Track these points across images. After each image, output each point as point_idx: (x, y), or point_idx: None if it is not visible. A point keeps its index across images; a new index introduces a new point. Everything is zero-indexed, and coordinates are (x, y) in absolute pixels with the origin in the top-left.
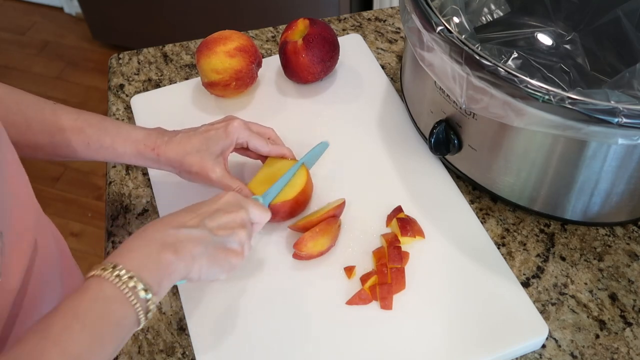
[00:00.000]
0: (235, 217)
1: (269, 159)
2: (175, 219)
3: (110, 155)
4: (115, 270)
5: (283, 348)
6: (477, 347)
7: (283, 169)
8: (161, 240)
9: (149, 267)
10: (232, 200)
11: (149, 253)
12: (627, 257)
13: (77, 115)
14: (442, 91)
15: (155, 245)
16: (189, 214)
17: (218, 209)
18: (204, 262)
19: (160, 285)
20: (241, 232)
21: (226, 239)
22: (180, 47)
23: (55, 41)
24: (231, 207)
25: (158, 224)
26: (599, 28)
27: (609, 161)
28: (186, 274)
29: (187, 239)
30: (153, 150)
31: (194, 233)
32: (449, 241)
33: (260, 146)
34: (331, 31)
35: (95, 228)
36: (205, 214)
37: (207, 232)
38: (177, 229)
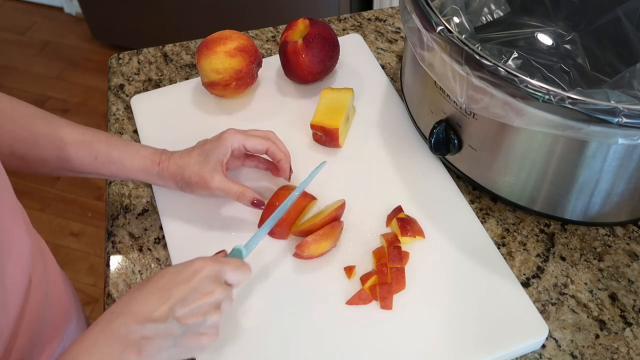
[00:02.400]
0: (210, 299)
1: (322, 91)
2: (143, 308)
3: (118, 170)
4: None
5: (283, 348)
6: (477, 347)
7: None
8: (125, 339)
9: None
10: (210, 274)
11: (109, 353)
12: (627, 257)
13: (85, 130)
14: (442, 91)
15: (117, 345)
16: (160, 298)
17: (192, 288)
18: (172, 353)
19: None
20: (213, 316)
21: (198, 325)
22: (180, 47)
23: (55, 41)
24: (207, 285)
25: (124, 316)
26: (599, 28)
27: (609, 161)
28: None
29: (153, 336)
30: (158, 165)
31: (161, 329)
32: (449, 241)
33: (257, 144)
34: (331, 31)
35: (95, 228)
36: (176, 297)
37: (175, 324)
38: (143, 325)
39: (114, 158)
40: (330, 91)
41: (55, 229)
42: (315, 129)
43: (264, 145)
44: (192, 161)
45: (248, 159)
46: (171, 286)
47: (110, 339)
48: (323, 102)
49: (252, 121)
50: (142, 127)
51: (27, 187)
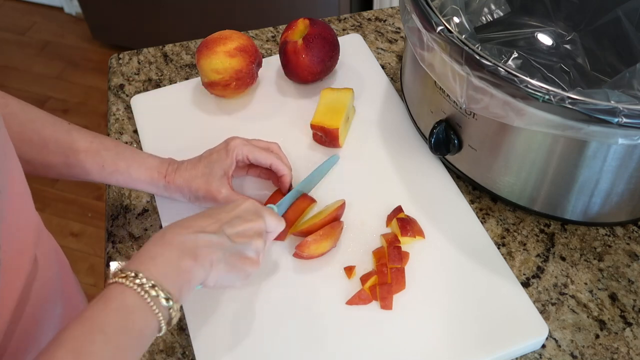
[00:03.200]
0: (253, 225)
1: (322, 91)
2: (195, 223)
3: (124, 180)
4: (137, 279)
5: (283, 348)
6: (477, 347)
7: (341, 98)
8: (181, 246)
9: (169, 274)
10: (250, 208)
11: (169, 260)
12: (627, 257)
13: (93, 137)
14: (442, 91)
15: (175, 251)
16: (209, 218)
17: (237, 215)
18: (221, 269)
19: (181, 292)
20: (258, 241)
21: (244, 247)
22: (180, 47)
23: (55, 41)
24: (249, 215)
25: (178, 227)
26: (599, 28)
27: (609, 161)
28: (204, 279)
29: (206, 245)
30: (165, 178)
31: (213, 239)
32: (449, 241)
33: (261, 158)
34: (331, 31)
35: (95, 228)
36: (224, 220)
37: (225, 238)
38: (196, 234)
39: (121, 168)
40: (330, 91)
41: (55, 229)
42: (315, 129)
43: (268, 160)
44: (198, 173)
45: (252, 168)
46: (218, 212)
47: (168, 248)
48: (323, 102)
49: (252, 121)
50: (142, 127)
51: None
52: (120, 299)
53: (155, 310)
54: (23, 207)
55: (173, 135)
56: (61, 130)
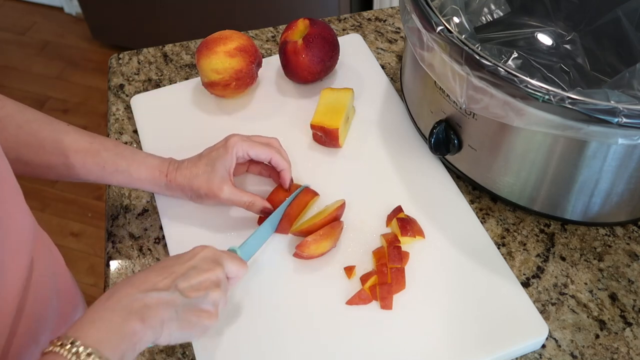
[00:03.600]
0: (210, 275)
1: (322, 91)
2: (146, 280)
3: (125, 180)
4: (74, 347)
5: (283, 348)
6: (477, 347)
7: (341, 98)
8: (128, 308)
9: (111, 340)
10: (208, 255)
11: (113, 324)
12: (627, 257)
13: (92, 138)
14: (442, 91)
15: (120, 314)
16: (161, 273)
17: (192, 266)
18: (173, 327)
19: (124, 357)
20: (215, 292)
21: (198, 301)
22: (180, 47)
23: (55, 41)
24: (206, 264)
25: (127, 286)
26: (599, 28)
27: (609, 161)
28: (154, 340)
29: (155, 304)
30: (166, 177)
31: (163, 297)
32: (449, 241)
33: (261, 153)
34: (331, 31)
35: (95, 228)
36: (178, 273)
37: (177, 294)
38: (145, 293)
39: (121, 168)
40: (330, 91)
41: (55, 229)
42: (315, 129)
43: (267, 154)
44: (199, 172)
45: (252, 165)
46: (172, 264)
47: (112, 311)
48: (323, 102)
49: (252, 121)
50: (142, 127)
51: (27, 187)
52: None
53: None
54: (16, 208)
55: (173, 135)
56: (59, 131)
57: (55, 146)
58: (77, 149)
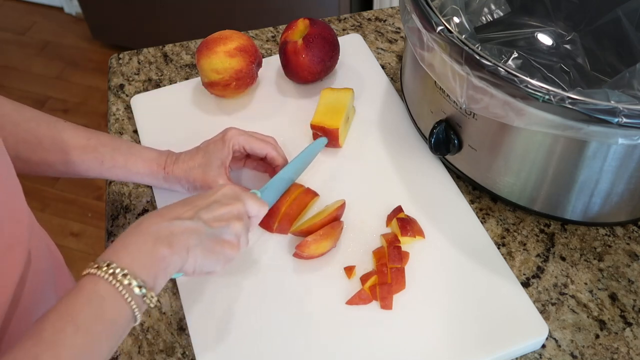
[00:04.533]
0: (232, 209)
1: (322, 91)
2: (171, 211)
3: (124, 174)
4: (110, 269)
5: (283, 348)
6: (477, 347)
7: (341, 98)
8: (155, 234)
9: (143, 262)
10: (229, 192)
11: (143, 248)
12: (627, 257)
13: (90, 134)
14: (442, 91)
15: (149, 240)
16: (185, 206)
17: (214, 200)
18: (198, 254)
19: (156, 279)
20: (237, 224)
21: (221, 231)
22: (180, 47)
23: (55, 41)
24: (228, 199)
25: (153, 217)
26: (599, 28)
27: (609, 161)
28: (181, 266)
29: (181, 232)
30: (164, 169)
31: (188, 225)
32: (449, 241)
33: (258, 148)
34: (331, 31)
35: (95, 228)
36: (200, 206)
37: (201, 223)
38: (171, 222)
39: (119, 163)
40: (330, 91)
41: (55, 229)
42: (315, 129)
43: (263, 149)
44: (195, 164)
45: (249, 160)
46: (195, 199)
47: (142, 237)
48: (323, 102)
49: (252, 121)
50: (142, 127)
51: (27, 187)
52: (93, 289)
53: (127, 298)
54: (14, 202)
55: (173, 135)
56: (57, 128)
57: (53, 143)
58: (75, 146)
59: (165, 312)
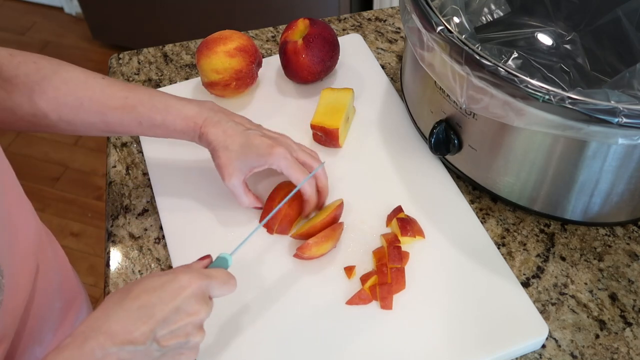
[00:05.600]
0: (194, 319)
1: (322, 91)
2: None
3: (162, 132)
4: None
5: (283, 348)
6: (477, 347)
7: (341, 98)
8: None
9: None
10: (195, 292)
11: None
12: (627, 257)
13: (127, 92)
14: (442, 91)
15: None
16: (141, 317)
17: (176, 308)
18: None
19: None
20: (197, 337)
21: (177, 345)
22: (180, 47)
23: (55, 41)
24: (191, 306)
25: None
26: (599, 28)
27: (609, 161)
28: None
29: (130, 359)
30: (200, 129)
31: (139, 350)
32: (449, 241)
33: (292, 178)
34: (331, 31)
35: (95, 228)
36: (158, 317)
37: (155, 346)
38: (121, 347)
39: (157, 122)
40: (330, 91)
41: (55, 229)
42: (315, 129)
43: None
44: (229, 145)
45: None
46: (153, 304)
47: None
48: (323, 102)
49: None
50: None
51: (27, 187)
52: None
53: None
54: (23, 214)
55: None
56: (96, 87)
57: (92, 105)
58: (114, 106)
59: None
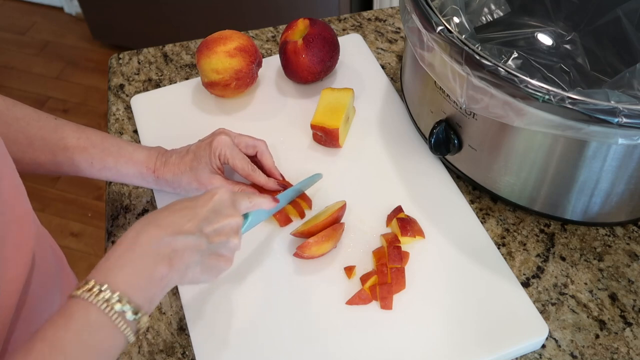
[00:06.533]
0: (231, 221)
1: (322, 91)
2: (172, 222)
3: (113, 176)
4: (102, 293)
5: (283, 348)
6: (477, 347)
7: (341, 98)
8: (155, 252)
9: (140, 285)
10: (225, 198)
11: (142, 268)
12: (627, 257)
13: (80, 133)
14: (442, 91)
15: (149, 259)
16: (185, 215)
17: (214, 209)
18: (197, 271)
19: (152, 301)
20: (234, 240)
21: (220, 246)
22: (180, 47)
23: (55, 41)
24: (226, 208)
25: (152, 228)
26: (599, 28)
27: (609, 161)
28: (178, 282)
29: (183, 248)
30: (153, 173)
31: (191, 241)
32: (449, 241)
33: (240, 169)
34: (331, 31)
35: (95, 228)
36: (201, 216)
37: (203, 239)
38: (174, 237)
39: (109, 165)
40: (330, 91)
41: (55, 229)
42: (315, 129)
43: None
44: (186, 168)
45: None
46: (195, 206)
47: (141, 254)
48: (323, 102)
49: (252, 121)
50: (142, 127)
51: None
52: (84, 317)
53: (121, 326)
54: (19, 202)
55: (173, 136)
56: (47, 127)
57: (43, 143)
58: (65, 147)
59: (165, 312)
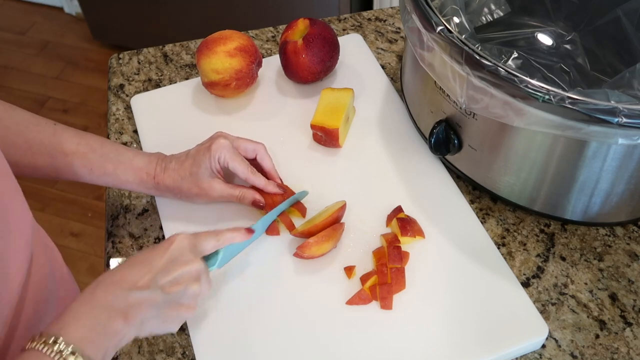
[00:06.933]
0: (190, 269)
1: (322, 91)
2: (126, 277)
3: (113, 182)
4: (57, 345)
5: (283, 348)
6: (477, 347)
7: (341, 98)
8: (110, 307)
9: (94, 338)
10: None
11: (96, 322)
12: (627, 257)
13: (79, 139)
14: (442, 91)
15: (103, 313)
16: (141, 269)
17: (171, 259)
18: (154, 324)
19: (106, 354)
20: (194, 286)
21: (178, 295)
22: (180, 47)
23: (55, 41)
24: (184, 256)
25: (108, 284)
26: (599, 28)
27: (609, 161)
28: (135, 336)
29: (137, 303)
30: (153, 179)
31: (145, 296)
32: (449, 241)
33: (239, 172)
34: (331, 31)
35: (95, 228)
36: (157, 267)
37: (158, 292)
38: (128, 292)
39: (109, 171)
40: (330, 91)
41: (55, 229)
42: (315, 129)
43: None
44: (186, 173)
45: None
46: (153, 257)
47: (96, 309)
48: (323, 102)
49: (252, 121)
50: (142, 127)
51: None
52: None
53: None
54: (15, 203)
55: (173, 135)
56: (46, 132)
57: (42, 148)
58: (64, 152)
59: None
